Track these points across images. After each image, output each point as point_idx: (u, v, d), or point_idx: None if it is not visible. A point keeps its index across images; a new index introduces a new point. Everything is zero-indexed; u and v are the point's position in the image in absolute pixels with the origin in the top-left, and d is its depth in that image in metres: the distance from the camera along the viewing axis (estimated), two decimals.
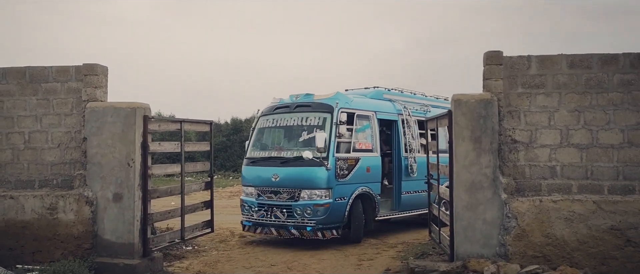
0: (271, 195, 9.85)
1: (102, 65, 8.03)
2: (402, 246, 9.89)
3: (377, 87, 11.73)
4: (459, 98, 7.16)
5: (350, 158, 9.87)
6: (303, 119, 10.10)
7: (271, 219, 9.75)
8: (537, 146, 7.20)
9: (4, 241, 7.59)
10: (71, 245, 7.49)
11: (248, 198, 10.26)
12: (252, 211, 10.05)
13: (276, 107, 10.62)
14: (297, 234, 9.47)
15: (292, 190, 9.63)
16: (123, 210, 7.46)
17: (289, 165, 9.75)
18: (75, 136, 7.92)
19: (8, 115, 8.12)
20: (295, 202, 9.56)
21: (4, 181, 8.07)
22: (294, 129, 10.25)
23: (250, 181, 10.28)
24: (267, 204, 9.85)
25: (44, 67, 8.09)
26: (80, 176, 7.69)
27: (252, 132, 10.86)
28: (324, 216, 9.39)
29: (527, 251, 6.84)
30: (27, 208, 7.60)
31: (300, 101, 10.37)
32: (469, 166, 7.05)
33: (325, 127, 9.68)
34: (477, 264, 6.67)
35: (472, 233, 7.03)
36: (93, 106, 7.72)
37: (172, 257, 8.79)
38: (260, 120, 10.85)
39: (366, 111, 10.52)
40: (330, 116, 9.75)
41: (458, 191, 7.11)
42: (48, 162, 8.01)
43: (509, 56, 7.28)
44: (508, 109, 7.24)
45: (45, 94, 8.06)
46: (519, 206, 6.90)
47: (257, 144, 10.68)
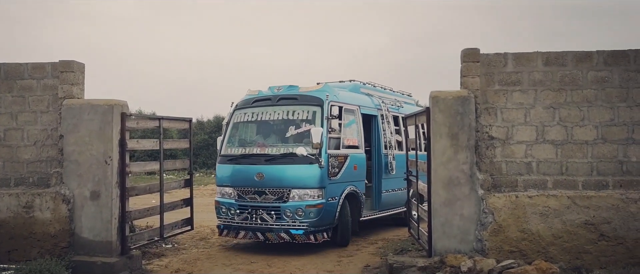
0: (254, 196, 8.98)
1: (79, 62, 7.95)
2: (382, 242, 9.96)
3: (353, 81, 11.11)
4: (437, 95, 7.23)
5: (340, 155, 9.25)
6: (289, 112, 9.27)
7: (256, 223, 8.90)
8: (514, 142, 7.29)
9: None
10: (48, 244, 7.42)
11: (225, 199, 9.31)
12: (230, 213, 9.17)
13: (255, 100, 9.68)
14: (287, 239, 8.70)
15: (281, 190, 8.82)
16: (101, 208, 7.40)
17: (276, 163, 8.92)
18: (51, 134, 7.83)
19: None
20: (284, 203, 8.77)
21: None
22: (278, 124, 9.44)
23: (228, 181, 9.32)
24: (250, 206, 8.98)
25: (19, 63, 7.99)
26: (56, 173, 7.61)
27: (226, 128, 9.86)
28: (316, 218, 8.69)
29: (504, 246, 6.93)
30: (2, 206, 7.49)
31: (284, 93, 9.51)
32: (447, 163, 7.12)
33: (316, 121, 8.97)
34: (454, 259, 6.74)
35: (449, 228, 7.11)
36: (70, 103, 7.64)
37: (151, 255, 8.75)
38: (235, 114, 9.83)
39: (352, 105, 9.90)
40: (320, 110, 9.03)
41: (436, 187, 7.18)
42: (24, 160, 7.91)
43: (486, 53, 7.36)
44: (485, 106, 7.32)
45: (20, 91, 7.96)
46: (495, 201, 6.99)
47: (233, 141, 9.73)
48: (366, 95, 10.91)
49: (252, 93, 9.93)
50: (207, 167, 28.93)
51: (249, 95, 9.95)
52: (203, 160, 28.99)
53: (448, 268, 6.65)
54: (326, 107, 8.99)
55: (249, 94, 9.98)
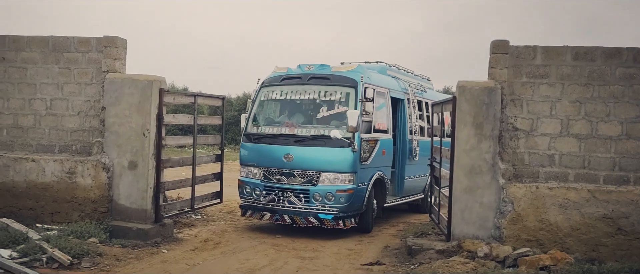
0: (281, 178, 8.72)
1: (122, 38, 8.35)
2: (404, 225, 10.22)
3: (380, 62, 10.76)
4: (464, 85, 7.39)
5: (371, 139, 8.95)
6: (320, 92, 8.93)
7: (283, 205, 8.66)
8: (538, 134, 7.43)
9: (25, 201, 8.03)
10: (88, 208, 7.91)
11: (250, 179, 9.03)
12: (255, 194, 8.91)
13: (284, 78, 9.32)
14: (315, 223, 8.51)
15: (310, 173, 8.57)
16: (137, 177, 7.83)
17: (306, 144, 8.65)
18: (94, 105, 8.28)
19: (31, 82, 8.48)
20: (314, 186, 8.54)
21: (25, 145, 8.48)
22: (308, 104, 9.14)
23: (253, 161, 9.03)
24: (276, 188, 8.73)
25: (66, 37, 8.42)
26: (98, 143, 8.07)
27: (252, 105, 9.45)
28: (346, 204, 8.48)
29: (521, 234, 7.13)
30: (48, 171, 8.00)
31: (316, 72, 9.14)
32: (470, 151, 7.31)
33: (349, 103, 8.65)
34: (471, 244, 6.97)
35: (469, 215, 7.32)
36: (112, 77, 8.05)
37: (182, 224, 9.21)
38: (262, 91, 9.45)
39: (383, 87, 9.58)
40: (354, 91, 8.67)
41: (458, 174, 7.38)
42: (68, 128, 8.39)
43: (515, 46, 7.48)
44: (511, 97, 7.46)
45: (66, 63, 8.41)
46: (515, 191, 7.17)
47: (259, 119, 9.37)
48: (393, 78, 10.64)
49: (280, 70, 9.55)
50: (236, 143, 29.54)
51: (277, 72, 9.56)
52: (232, 136, 29.60)
53: (465, 253, 6.89)
54: (361, 89, 8.65)
55: (276, 71, 9.61)
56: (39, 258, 6.39)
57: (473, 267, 6.34)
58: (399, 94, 10.30)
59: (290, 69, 9.47)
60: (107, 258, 6.69)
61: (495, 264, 6.49)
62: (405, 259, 7.43)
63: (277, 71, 9.57)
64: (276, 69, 9.64)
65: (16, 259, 6.32)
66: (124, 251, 7.13)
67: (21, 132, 8.50)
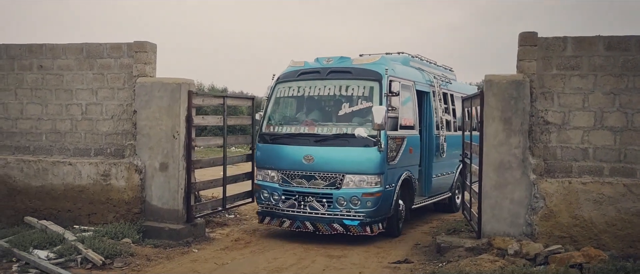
0: (302, 181, 8.10)
1: (151, 43, 8.55)
2: (437, 222, 10.09)
3: (402, 53, 10.04)
4: (491, 79, 7.24)
5: (398, 137, 8.35)
6: (341, 87, 8.30)
7: (305, 211, 8.03)
8: (570, 127, 7.20)
9: (63, 204, 8.34)
10: (122, 209, 8.14)
11: (267, 183, 8.39)
12: (274, 199, 8.28)
13: (301, 72, 8.63)
14: (340, 230, 7.89)
15: (333, 175, 7.93)
16: (168, 179, 8.02)
17: (328, 144, 8.04)
18: (126, 109, 8.51)
19: (67, 88, 8.80)
20: (337, 190, 7.91)
21: (63, 149, 8.80)
22: (328, 100, 8.58)
23: (271, 163, 8.39)
24: (297, 192, 8.10)
25: (99, 43, 8.69)
26: (130, 146, 8.30)
27: (267, 103, 8.80)
28: (373, 208, 7.85)
29: (554, 231, 6.93)
30: (84, 174, 8.28)
31: (336, 66, 8.50)
32: (498, 146, 7.15)
33: (374, 98, 8.02)
34: (501, 242, 6.83)
35: (499, 211, 7.17)
36: (142, 81, 8.26)
37: (214, 224, 9.37)
38: (277, 88, 8.78)
39: (408, 80, 8.93)
40: (378, 85, 8.04)
41: (487, 170, 7.24)
42: (102, 132, 8.66)
43: (544, 37, 7.27)
44: (541, 91, 7.25)
45: (100, 69, 8.68)
46: (547, 186, 6.97)
47: (275, 118, 8.75)
48: (417, 69, 9.95)
49: (297, 64, 8.84)
50: None
51: (293, 66, 8.85)
52: None
53: (495, 250, 6.75)
54: (385, 83, 8.02)
55: (292, 65, 8.90)
56: (73, 258, 6.63)
57: (502, 265, 6.21)
58: (424, 86, 9.65)
59: (308, 62, 8.81)
60: (138, 258, 6.88)
61: (525, 262, 6.33)
62: (434, 257, 7.35)
63: (293, 65, 8.88)
64: (292, 63, 8.94)
65: (52, 260, 6.57)
66: (155, 251, 7.32)
67: (59, 136, 8.83)
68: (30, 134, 8.93)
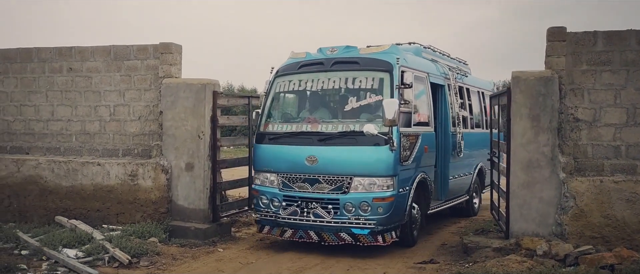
0: (304, 185, 7.29)
1: (177, 44, 8.64)
2: (465, 222, 9.94)
3: (414, 43, 9.15)
4: (518, 75, 7.08)
5: (412, 134, 7.53)
6: (348, 80, 7.47)
7: (308, 219, 7.20)
8: (601, 124, 7.00)
9: (92, 203, 8.49)
10: (149, 209, 8.24)
11: (266, 188, 7.57)
12: (273, 206, 7.47)
13: (302, 64, 7.81)
14: (349, 240, 7.09)
15: (340, 178, 7.12)
16: (194, 179, 8.09)
17: (333, 143, 7.19)
18: (153, 110, 8.63)
19: (96, 90, 8.96)
20: (344, 195, 7.08)
21: (93, 150, 8.97)
22: (333, 95, 7.83)
23: (270, 165, 7.58)
24: (299, 198, 7.29)
25: (126, 45, 8.82)
26: (157, 146, 8.40)
27: (265, 99, 7.97)
28: (386, 215, 7.02)
29: (585, 231, 6.74)
30: (112, 174, 8.41)
31: (341, 56, 7.66)
32: (526, 144, 6.99)
33: (384, 91, 7.20)
34: (530, 242, 6.67)
35: (528, 211, 7.01)
36: (168, 82, 8.35)
37: (240, 223, 9.41)
38: (276, 82, 7.95)
39: (421, 71, 8.11)
40: (389, 77, 7.22)
41: (514, 169, 7.08)
42: (130, 133, 8.79)
43: (574, 32, 7.08)
44: (571, 87, 7.06)
45: (127, 71, 8.81)
46: (577, 185, 6.79)
47: (274, 115, 7.95)
48: (430, 61, 9.10)
49: (298, 56, 8.02)
50: None
51: (294, 58, 8.02)
52: None
53: (523, 251, 6.61)
54: (397, 73, 7.21)
55: (293, 57, 8.07)
56: (101, 257, 6.74)
57: (529, 266, 6.06)
58: (438, 79, 8.78)
59: (310, 53, 7.96)
60: (164, 257, 6.96)
61: (554, 263, 6.17)
62: (461, 257, 7.23)
63: (294, 57, 8.03)
64: (292, 55, 8.09)
65: (81, 258, 6.69)
66: (181, 250, 7.39)
67: (88, 137, 9.00)
68: (61, 135, 9.13)
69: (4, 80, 9.35)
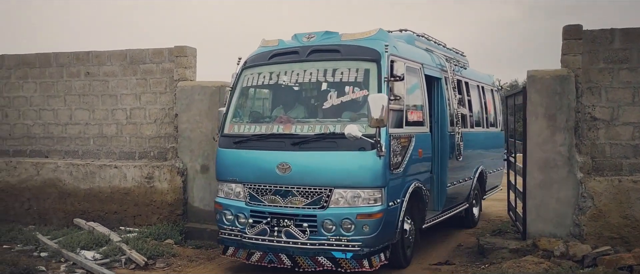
0: (275, 198, 6.08)
1: (191, 47, 8.71)
2: (483, 223, 9.85)
3: (406, 31, 7.85)
4: (533, 74, 7.00)
5: (403, 136, 6.31)
6: (326, 72, 6.26)
7: (279, 239, 5.95)
8: (619, 123, 6.89)
9: (110, 206, 8.60)
10: (165, 211, 8.32)
11: (231, 201, 6.38)
12: (239, 223, 6.26)
13: (273, 54, 6.61)
14: (329, 266, 5.86)
15: (317, 190, 5.90)
16: (209, 181, 8.13)
17: (309, 148, 5.99)
18: (168, 113, 8.70)
19: (113, 93, 9.07)
20: (322, 210, 5.85)
21: (110, 153, 9.08)
22: (310, 89, 6.72)
23: (234, 174, 6.37)
24: (268, 213, 6.07)
25: (141, 49, 8.92)
26: (172, 148, 8.48)
27: (231, 95, 6.76)
28: (373, 234, 5.78)
29: (603, 232, 6.64)
30: (129, 176, 8.51)
31: (319, 43, 6.47)
32: (543, 144, 6.91)
33: (370, 84, 5.99)
34: (547, 243, 6.59)
35: (545, 212, 6.93)
36: (183, 85, 8.42)
37: None
38: (244, 74, 6.75)
39: (414, 62, 6.92)
40: (376, 67, 6.01)
41: (531, 169, 7.01)
42: (146, 136, 8.88)
43: (590, 30, 6.98)
44: (588, 85, 6.96)
45: (143, 74, 8.90)
46: (595, 185, 6.69)
47: (241, 114, 6.77)
48: (425, 50, 7.88)
49: (269, 44, 6.83)
50: None
51: (264, 47, 6.82)
52: None
53: (540, 252, 6.53)
54: (385, 64, 5.99)
55: (263, 45, 6.89)
56: (118, 259, 6.82)
57: (547, 267, 5.99)
58: (434, 71, 7.55)
59: (283, 41, 6.78)
60: (180, 259, 7.01)
61: (571, 264, 6.09)
62: (477, 258, 7.17)
63: (265, 45, 6.85)
64: (263, 43, 6.90)
65: (98, 260, 6.78)
66: (197, 252, 7.44)
67: (106, 140, 9.12)
68: (79, 138, 9.26)
69: (23, 85, 9.51)
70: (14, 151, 9.57)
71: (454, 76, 8.11)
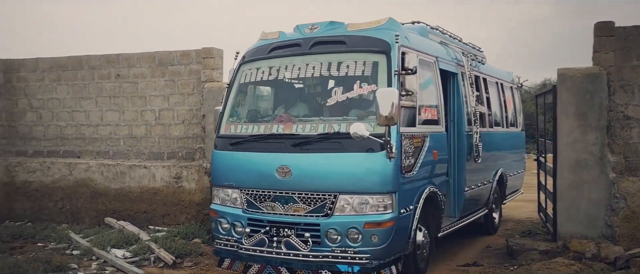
0: (274, 205, 5.55)
1: (218, 49, 8.81)
2: (513, 224, 9.70)
3: (418, 23, 7.31)
4: (564, 72, 6.87)
5: (417, 136, 5.75)
6: (331, 65, 5.70)
7: (278, 250, 5.41)
8: None
9: (139, 205, 8.75)
10: (193, 210, 8.43)
11: (227, 208, 5.88)
12: (236, 232, 5.74)
13: (273, 47, 6.11)
14: None
15: (320, 196, 5.35)
16: None
17: (311, 149, 5.44)
18: (196, 113, 8.81)
19: (142, 95, 9.23)
20: (326, 218, 5.31)
21: (139, 153, 9.24)
22: (313, 85, 6.29)
23: (231, 179, 5.86)
24: (267, 222, 5.53)
25: (170, 51, 9.06)
26: (200, 149, 8.58)
27: (228, 92, 6.28)
28: (383, 245, 5.23)
29: (637, 233, 6.46)
30: (157, 176, 8.65)
31: (323, 35, 5.94)
32: (573, 144, 6.77)
33: (379, 78, 5.43)
34: (578, 244, 6.45)
35: (575, 213, 6.79)
36: (210, 86, 8.52)
37: None
38: (242, 70, 6.26)
39: (428, 54, 6.35)
40: (385, 59, 5.45)
41: (561, 170, 6.88)
42: (174, 136, 9.01)
43: (623, 27, 6.80)
44: (620, 83, 6.79)
45: (171, 76, 9.04)
46: (629, 186, 6.52)
47: (238, 113, 6.24)
48: (439, 44, 7.28)
49: (269, 36, 6.32)
50: None
51: (264, 40, 6.33)
52: None
53: (571, 253, 6.39)
54: (395, 55, 5.43)
55: (263, 38, 6.38)
56: (147, 257, 6.94)
57: (577, 269, 5.86)
58: (450, 65, 7.01)
59: (284, 33, 6.27)
60: (207, 258, 7.08)
61: (603, 266, 5.94)
62: (506, 260, 7.05)
63: (265, 38, 6.35)
64: (263, 36, 6.41)
65: (128, 258, 6.90)
66: None
67: (135, 141, 9.28)
68: (110, 139, 9.45)
69: (56, 87, 9.76)
70: (48, 152, 9.82)
71: (471, 71, 7.54)
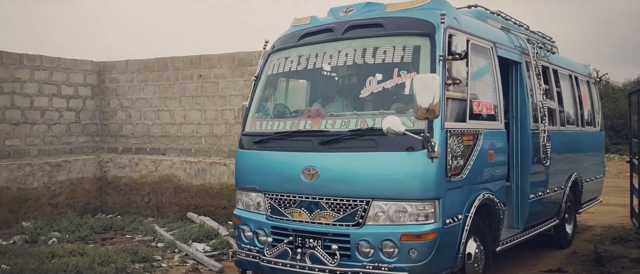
0: (301, 211, 4.86)
1: None
2: (602, 229, 9.14)
3: (476, 7, 6.37)
4: None
5: (467, 133, 4.89)
6: (366, 52, 4.95)
7: (303, 265, 4.70)
8: None
9: (219, 201, 9.07)
10: None
11: (250, 214, 5.28)
12: (258, 241, 5.13)
13: (304, 34, 5.42)
14: None
15: (351, 202, 4.63)
16: None
17: (341, 148, 4.73)
18: None
19: (222, 94, 9.54)
20: (358, 228, 4.57)
21: (219, 151, 9.57)
22: (347, 75, 5.53)
23: (254, 181, 5.24)
24: (292, 231, 4.86)
25: (248, 52, 9.31)
26: None
27: (255, 85, 5.66)
28: (424, 260, 4.44)
29: None
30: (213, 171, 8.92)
31: (358, 17, 5.19)
32: None
33: (420, 65, 4.64)
34: None
35: None
36: None
37: None
38: (271, 60, 5.62)
39: (484, 39, 5.44)
40: (428, 43, 4.66)
41: None
42: None
43: None
44: None
45: (249, 76, 9.24)
46: None
47: (265, 108, 5.58)
48: (499, 29, 6.31)
49: (301, 22, 5.66)
50: None
51: (295, 26, 5.67)
52: None
53: None
54: (441, 38, 4.62)
55: (295, 24, 5.72)
56: (226, 252, 7.16)
57: None
58: (511, 52, 6.04)
59: (316, 18, 5.59)
60: None
61: None
62: (593, 267, 6.65)
63: (296, 25, 5.69)
64: (294, 22, 5.75)
65: (208, 252, 7.16)
66: None
67: (216, 140, 9.62)
68: (192, 137, 9.85)
69: (144, 87, 10.29)
70: (136, 149, 10.39)
71: (538, 61, 6.48)
